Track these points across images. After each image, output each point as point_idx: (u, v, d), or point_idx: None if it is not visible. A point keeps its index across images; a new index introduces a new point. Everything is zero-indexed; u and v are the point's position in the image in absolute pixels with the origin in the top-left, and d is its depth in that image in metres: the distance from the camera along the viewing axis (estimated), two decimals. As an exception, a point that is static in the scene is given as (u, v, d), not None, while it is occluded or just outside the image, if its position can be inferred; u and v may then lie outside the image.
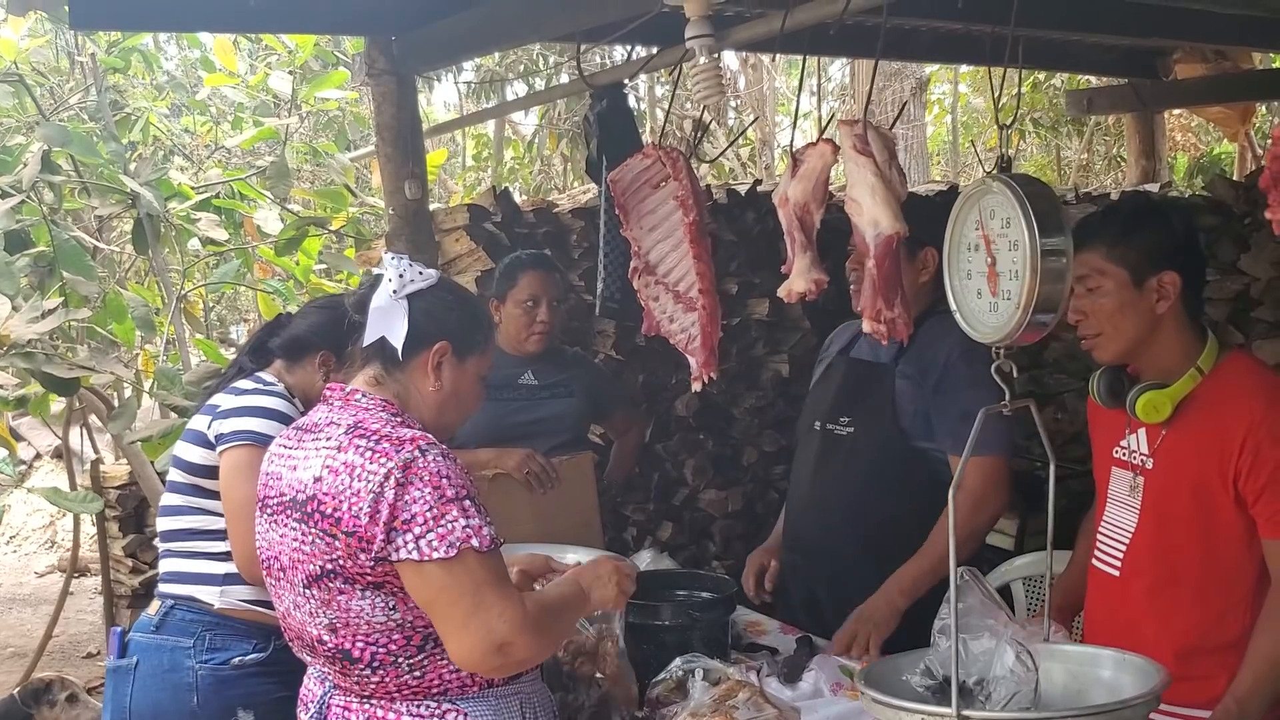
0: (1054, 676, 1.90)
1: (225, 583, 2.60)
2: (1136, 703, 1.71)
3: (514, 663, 1.92)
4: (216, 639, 2.59)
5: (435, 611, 1.89)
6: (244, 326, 13.44)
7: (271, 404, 2.61)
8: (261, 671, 2.57)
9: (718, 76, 2.63)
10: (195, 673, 2.55)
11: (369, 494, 1.86)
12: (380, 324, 2.05)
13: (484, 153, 12.22)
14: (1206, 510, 2.24)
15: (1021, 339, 1.88)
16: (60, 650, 6.58)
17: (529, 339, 3.52)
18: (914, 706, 1.74)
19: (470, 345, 2.11)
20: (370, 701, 1.99)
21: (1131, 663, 1.90)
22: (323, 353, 2.71)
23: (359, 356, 2.10)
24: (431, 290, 2.08)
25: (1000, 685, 1.78)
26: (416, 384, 2.07)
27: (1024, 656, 1.79)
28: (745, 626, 2.97)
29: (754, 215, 5.06)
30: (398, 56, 4.21)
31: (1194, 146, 11.61)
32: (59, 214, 4.96)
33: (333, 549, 1.90)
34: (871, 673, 1.92)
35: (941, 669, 1.86)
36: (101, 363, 4.21)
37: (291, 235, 5.32)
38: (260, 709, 2.55)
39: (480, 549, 1.86)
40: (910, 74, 10.50)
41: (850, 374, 2.99)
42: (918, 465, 2.84)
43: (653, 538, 4.74)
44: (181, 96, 7.14)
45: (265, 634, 2.55)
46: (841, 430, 2.95)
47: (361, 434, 1.93)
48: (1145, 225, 2.26)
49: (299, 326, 2.79)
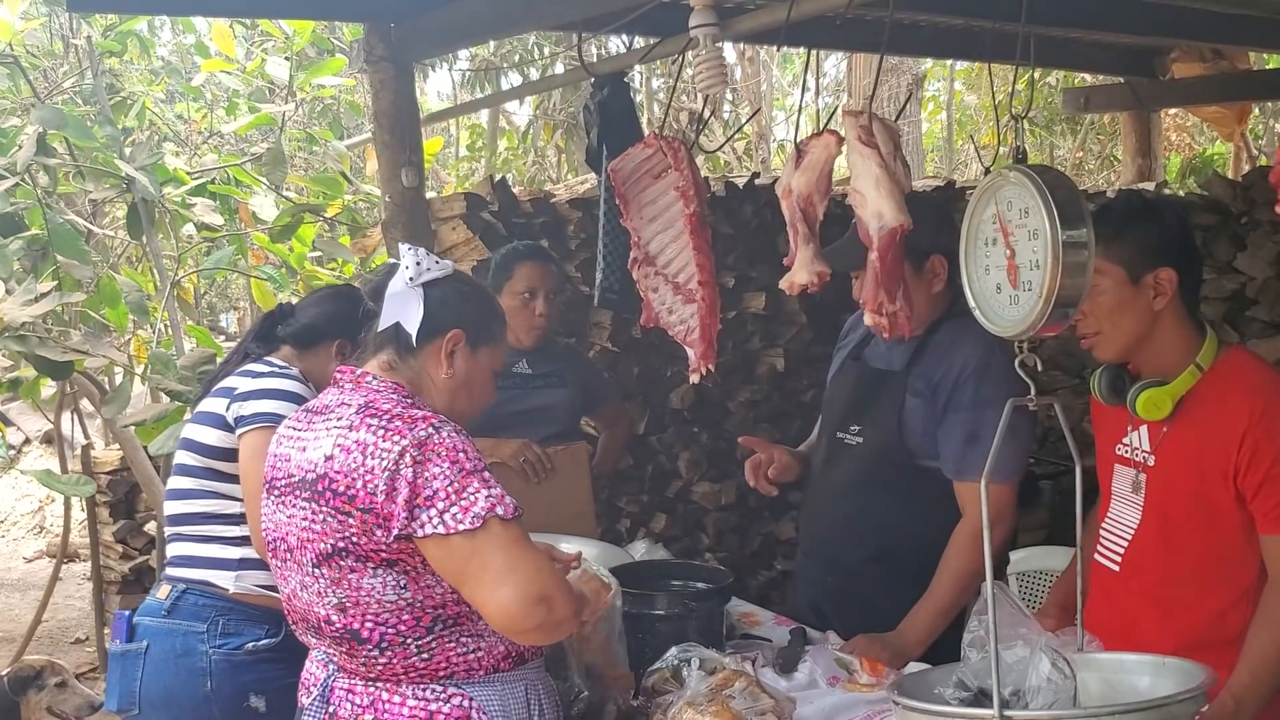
0: (1089, 687, 1.86)
1: (240, 567, 2.60)
2: (1184, 697, 1.68)
3: (554, 621, 1.90)
4: (230, 624, 2.59)
5: (467, 580, 1.88)
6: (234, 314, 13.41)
7: (289, 386, 2.62)
8: (274, 657, 2.57)
9: (720, 65, 2.62)
10: (209, 658, 2.56)
11: (384, 471, 1.86)
12: (395, 310, 2.07)
13: (478, 143, 12.19)
14: (1208, 507, 2.24)
15: (1044, 331, 1.86)
16: (49, 636, 6.57)
17: (526, 331, 3.51)
18: (957, 710, 1.73)
19: (484, 336, 2.13)
20: (375, 684, 1.99)
21: (1171, 666, 1.86)
22: (340, 340, 2.71)
23: (372, 342, 2.11)
24: (447, 280, 2.10)
25: (1038, 695, 1.75)
26: (429, 371, 2.08)
27: (1060, 664, 1.77)
28: (739, 617, 2.97)
29: (752, 208, 5.06)
30: (396, 43, 4.19)
31: (1188, 146, 11.64)
32: (53, 197, 4.94)
33: (345, 526, 1.90)
34: (903, 686, 1.90)
35: (975, 680, 1.85)
36: (95, 347, 4.20)
37: (287, 222, 5.30)
38: (272, 694, 2.55)
39: (505, 516, 1.87)
40: (907, 70, 10.51)
41: (862, 381, 2.93)
42: (925, 481, 2.78)
43: (646, 529, 4.74)
44: (176, 82, 7.10)
45: (278, 619, 2.50)
46: (851, 439, 2.90)
47: (373, 413, 1.94)
48: (1140, 223, 2.26)
49: (311, 314, 2.79)
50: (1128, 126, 6.97)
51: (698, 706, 2.13)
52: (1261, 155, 9.33)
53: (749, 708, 2.12)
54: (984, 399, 2.66)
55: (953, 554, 2.70)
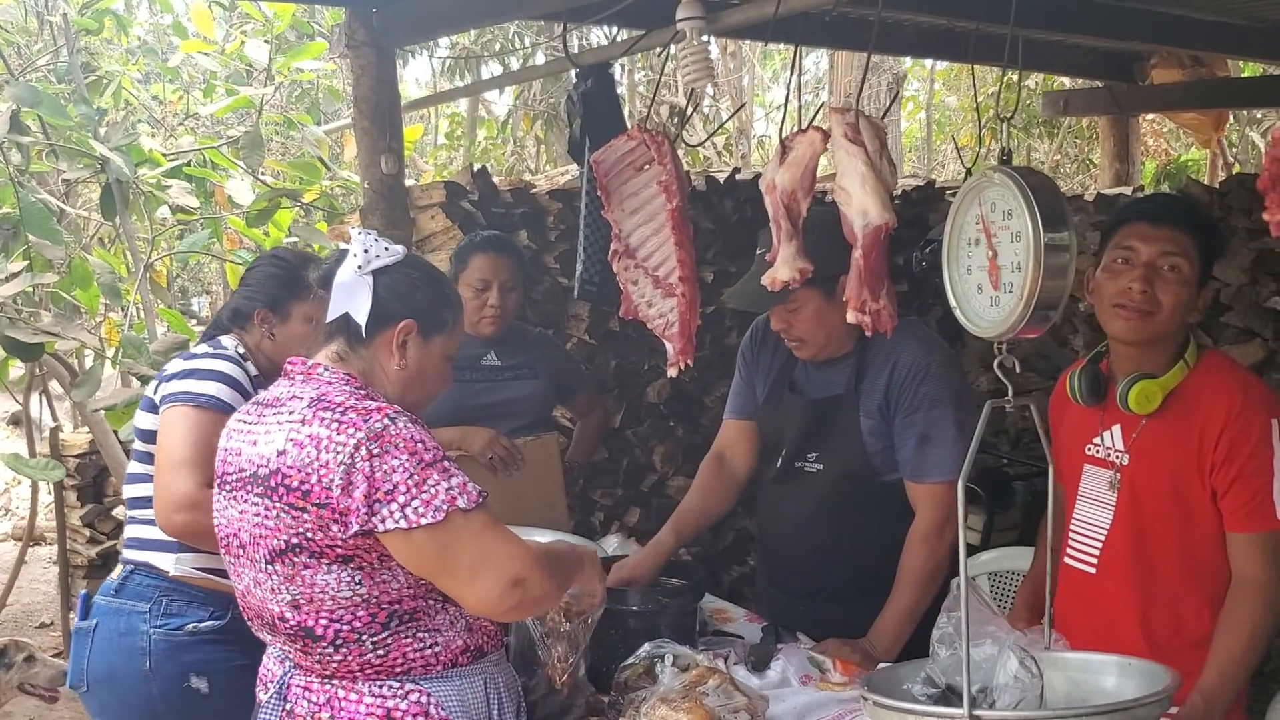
0: (1055, 685, 1.87)
1: (180, 550, 2.60)
2: (1149, 701, 1.69)
3: (530, 600, 1.90)
4: (172, 605, 2.60)
5: (440, 572, 1.87)
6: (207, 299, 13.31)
7: (215, 365, 2.62)
8: (218, 639, 2.59)
9: (706, 59, 2.61)
10: (149, 637, 2.57)
11: (339, 465, 1.83)
12: (344, 300, 2.03)
13: (457, 131, 12.13)
14: (1183, 504, 2.26)
15: (1023, 333, 1.86)
16: (13, 619, 6.50)
17: (479, 322, 3.47)
18: (927, 709, 1.73)
19: (436, 324, 2.09)
20: (331, 681, 1.97)
21: (1136, 668, 1.88)
22: (258, 310, 2.73)
23: (323, 331, 2.07)
24: (397, 267, 2.05)
25: (1005, 692, 1.76)
26: (381, 361, 2.04)
27: (1028, 663, 1.78)
28: (711, 614, 2.96)
29: (732, 204, 5.05)
30: (378, 29, 4.16)
31: (1164, 152, 11.71)
32: (26, 176, 4.87)
33: (300, 522, 1.87)
34: (872, 682, 1.90)
35: (943, 677, 1.86)
36: (67, 329, 4.14)
37: (263, 207, 5.25)
38: (215, 676, 2.57)
39: (468, 507, 1.85)
40: (887, 69, 10.51)
41: (810, 412, 2.85)
42: (894, 496, 2.75)
43: (620, 522, 4.73)
44: (152, 63, 7.03)
45: (224, 602, 2.54)
46: (810, 467, 2.85)
47: (326, 406, 1.90)
48: (1215, 235, 2.30)
49: (236, 297, 2.84)
50: (1106, 131, 7.00)
51: (671, 703, 2.12)
52: (1236, 163, 9.42)
53: (722, 705, 2.12)
54: (929, 398, 2.67)
55: (909, 556, 2.70)
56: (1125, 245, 2.26)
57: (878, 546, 2.74)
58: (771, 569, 3.07)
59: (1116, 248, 2.28)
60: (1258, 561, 2.19)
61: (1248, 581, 2.19)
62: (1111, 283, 2.26)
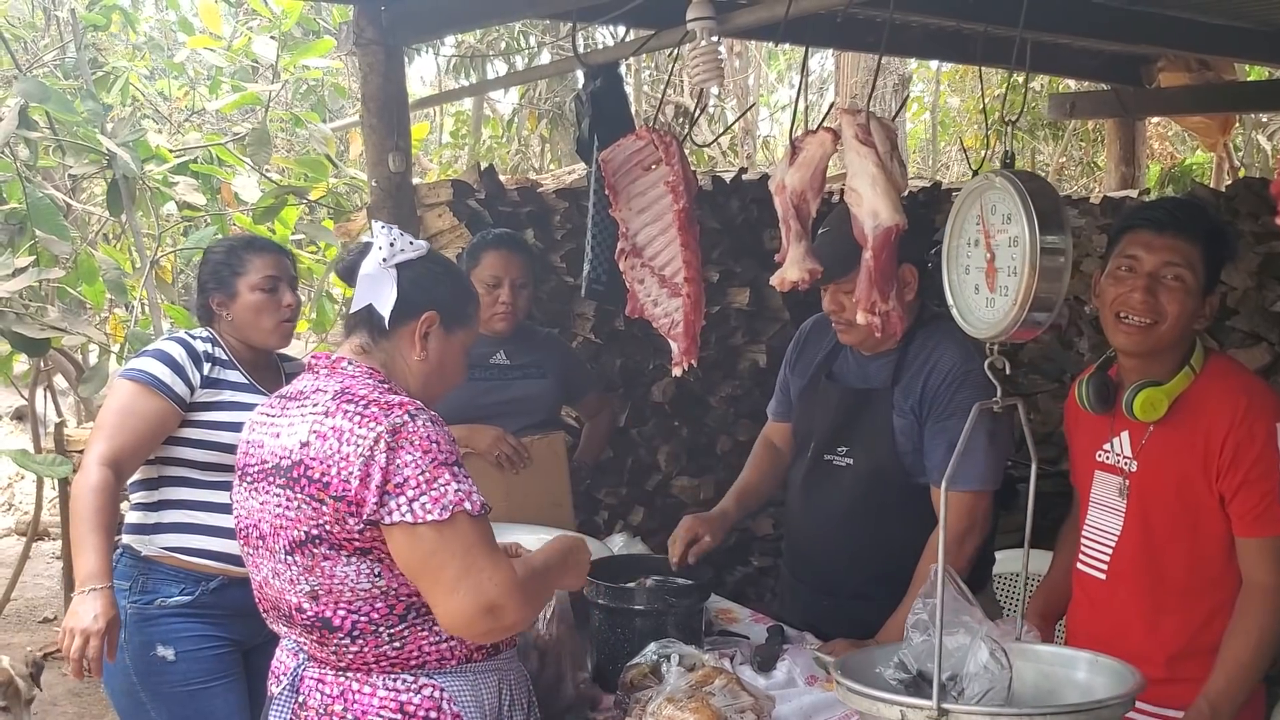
0: (1025, 676, 1.88)
1: (153, 532, 2.84)
2: (1113, 703, 1.71)
3: (502, 627, 1.90)
4: (149, 583, 2.82)
5: (425, 574, 1.88)
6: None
7: (161, 345, 2.86)
8: (185, 614, 2.80)
9: (716, 60, 2.61)
10: (125, 611, 2.74)
11: (359, 458, 1.85)
12: (368, 291, 2.05)
13: (462, 130, 12.13)
14: (1191, 510, 2.26)
15: (1016, 336, 1.88)
16: (16, 614, 6.50)
17: (492, 319, 3.48)
18: (895, 699, 1.73)
19: (458, 318, 2.12)
20: (346, 674, 1.98)
21: (1105, 665, 1.89)
22: (212, 299, 2.91)
23: (346, 324, 2.10)
24: (421, 261, 2.08)
25: (973, 681, 1.78)
26: (403, 353, 2.07)
27: (998, 654, 1.79)
28: (717, 614, 2.97)
29: (738, 204, 5.04)
30: (386, 26, 4.15)
31: (1169, 156, 11.70)
32: (33, 171, 4.88)
33: (319, 514, 1.89)
34: (846, 664, 1.92)
35: (916, 663, 1.87)
36: (73, 324, 4.15)
37: (269, 204, 5.26)
38: (182, 646, 2.79)
39: (472, 512, 1.86)
40: (893, 70, 10.51)
41: (844, 401, 2.85)
42: (920, 498, 2.73)
43: (624, 522, 4.73)
44: (158, 59, 7.03)
45: (195, 580, 2.81)
46: (840, 461, 2.84)
47: (349, 399, 1.92)
48: (1223, 240, 2.27)
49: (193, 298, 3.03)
50: (1112, 133, 6.99)
51: (677, 703, 2.13)
52: (1242, 166, 9.40)
53: (729, 705, 2.12)
54: (964, 406, 2.65)
55: (924, 562, 2.67)
56: (1129, 254, 2.25)
57: (905, 548, 2.69)
58: (796, 563, 3.07)
59: (1121, 255, 2.26)
60: (1265, 566, 2.18)
61: (1256, 587, 2.19)
62: (1114, 289, 2.26)
